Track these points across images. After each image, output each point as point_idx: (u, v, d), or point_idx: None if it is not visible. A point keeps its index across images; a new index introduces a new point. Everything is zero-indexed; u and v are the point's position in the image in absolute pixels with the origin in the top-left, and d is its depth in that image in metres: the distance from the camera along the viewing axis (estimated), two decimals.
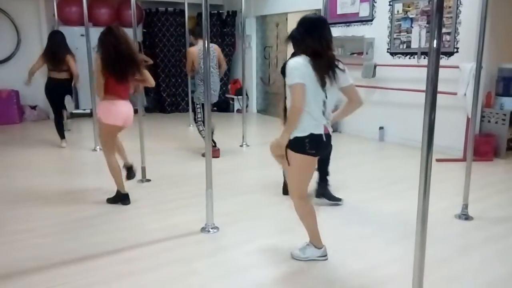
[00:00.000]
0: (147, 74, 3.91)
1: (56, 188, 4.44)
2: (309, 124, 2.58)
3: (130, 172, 4.15)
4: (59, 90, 6.16)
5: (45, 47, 6.05)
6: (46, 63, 5.99)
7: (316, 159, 2.70)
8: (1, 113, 8.13)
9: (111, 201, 3.95)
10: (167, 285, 2.60)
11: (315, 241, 2.87)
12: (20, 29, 8.51)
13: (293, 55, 4.14)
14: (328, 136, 2.67)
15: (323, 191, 3.96)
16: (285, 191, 4.02)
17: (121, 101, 3.78)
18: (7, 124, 8.12)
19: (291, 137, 2.60)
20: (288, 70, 2.58)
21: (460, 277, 2.71)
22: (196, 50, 5.52)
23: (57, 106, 6.30)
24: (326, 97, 2.60)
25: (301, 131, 2.57)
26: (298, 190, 2.78)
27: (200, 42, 5.57)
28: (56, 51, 5.95)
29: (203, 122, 5.54)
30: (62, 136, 6.36)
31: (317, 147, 2.61)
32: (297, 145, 2.60)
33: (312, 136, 2.58)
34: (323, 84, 2.55)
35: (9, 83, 8.27)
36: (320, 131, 2.60)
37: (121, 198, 3.95)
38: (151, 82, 3.97)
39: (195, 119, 5.81)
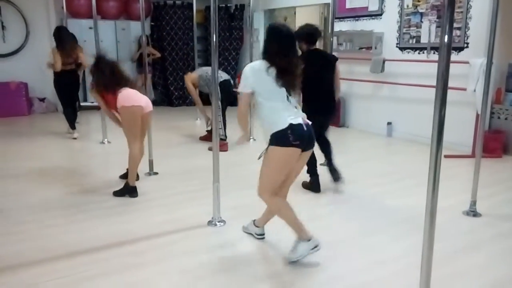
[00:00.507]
0: None
1: (63, 180, 4.47)
2: (284, 116, 2.59)
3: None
4: (67, 81, 6.28)
5: (56, 43, 6.07)
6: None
7: (299, 153, 2.64)
8: (10, 105, 8.18)
9: (119, 193, 3.97)
10: (173, 277, 2.61)
11: (302, 234, 2.75)
12: (29, 21, 8.54)
13: (302, 54, 4.16)
14: (308, 126, 2.65)
15: (333, 170, 4.18)
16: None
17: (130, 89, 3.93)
18: (16, 116, 8.18)
19: (271, 133, 2.61)
20: (242, 75, 2.69)
21: (466, 274, 2.69)
22: (194, 74, 6.03)
23: (65, 97, 6.39)
24: (290, 94, 2.67)
25: (280, 125, 2.58)
26: (272, 186, 2.72)
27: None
28: (67, 46, 6.05)
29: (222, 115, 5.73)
30: (73, 127, 6.43)
31: (301, 138, 2.59)
32: (280, 139, 2.58)
33: (292, 126, 2.57)
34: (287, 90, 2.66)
35: (18, 75, 8.33)
36: (298, 121, 2.61)
37: (129, 190, 3.97)
38: None
39: None
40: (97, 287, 2.51)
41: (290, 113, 2.62)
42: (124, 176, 4.17)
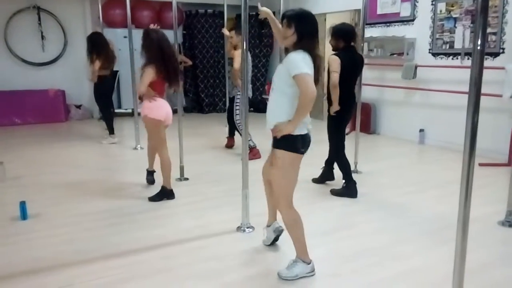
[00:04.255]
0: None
1: (98, 184, 4.60)
2: (303, 123, 2.53)
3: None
4: (108, 86, 6.65)
5: (98, 48, 6.25)
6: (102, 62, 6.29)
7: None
8: (49, 111, 8.50)
9: (156, 198, 4.07)
10: (202, 282, 2.65)
11: (304, 255, 2.66)
12: (67, 31, 8.87)
13: (339, 52, 4.15)
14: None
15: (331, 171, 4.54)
16: (316, 180, 4.60)
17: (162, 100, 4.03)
18: (54, 123, 8.49)
19: (285, 134, 2.48)
20: (295, 60, 2.42)
21: (501, 286, 2.61)
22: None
23: (105, 102, 6.69)
24: None
25: (298, 129, 2.50)
26: (287, 196, 2.62)
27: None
28: (109, 51, 6.36)
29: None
30: (112, 131, 6.67)
31: (307, 146, 2.56)
32: (291, 143, 2.50)
33: (305, 134, 2.54)
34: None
35: (56, 83, 8.66)
36: (307, 130, 2.57)
37: (167, 193, 4.10)
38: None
39: (233, 117, 5.87)
40: None
41: (307, 120, 2.56)
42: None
